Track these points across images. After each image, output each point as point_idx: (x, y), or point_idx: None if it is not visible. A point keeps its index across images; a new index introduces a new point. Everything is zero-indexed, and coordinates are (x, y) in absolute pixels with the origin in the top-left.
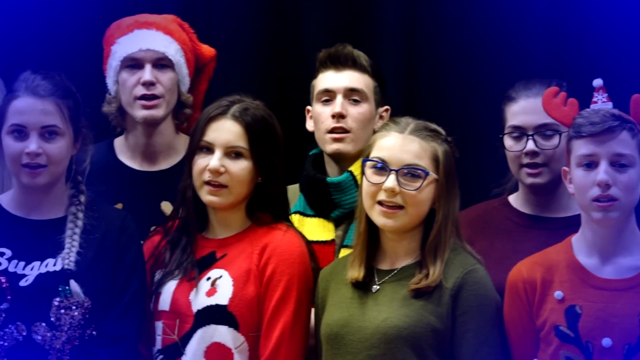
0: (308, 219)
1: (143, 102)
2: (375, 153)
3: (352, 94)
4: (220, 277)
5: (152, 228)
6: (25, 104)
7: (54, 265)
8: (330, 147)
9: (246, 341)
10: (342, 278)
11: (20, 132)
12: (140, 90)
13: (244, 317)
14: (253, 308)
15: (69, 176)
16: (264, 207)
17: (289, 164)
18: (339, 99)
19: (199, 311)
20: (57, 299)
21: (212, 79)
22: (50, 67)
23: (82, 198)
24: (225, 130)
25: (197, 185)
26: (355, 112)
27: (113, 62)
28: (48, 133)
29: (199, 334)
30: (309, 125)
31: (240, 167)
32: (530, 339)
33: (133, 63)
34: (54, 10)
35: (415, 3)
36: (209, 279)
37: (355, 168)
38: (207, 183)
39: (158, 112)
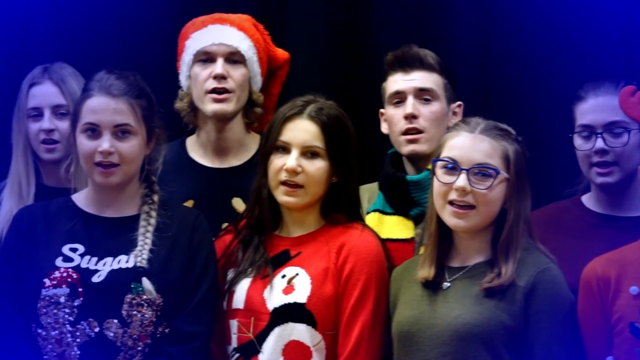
0: (387, 217)
1: (214, 95)
2: (445, 153)
3: (423, 94)
4: (297, 275)
5: (224, 225)
6: (98, 103)
7: (127, 262)
8: (406, 148)
9: (323, 339)
10: (413, 277)
11: (94, 131)
12: (212, 84)
13: (321, 315)
14: (331, 306)
15: (142, 175)
16: (338, 206)
17: (361, 165)
18: (410, 100)
19: (275, 309)
20: (129, 296)
21: (286, 82)
22: (127, 67)
23: (155, 197)
24: (302, 130)
25: (273, 185)
26: (427, 111)
27: (186, 57)
28: (121, 132)
29: (277, 331)
30: (384, 128)
31: (317, 166)
32: (604, 337)
33: (205, 57)
34: (130, 11)
35: (488, 2)
36: (284, 276)
37: None
38: (284, 183)
39: (228, 107)
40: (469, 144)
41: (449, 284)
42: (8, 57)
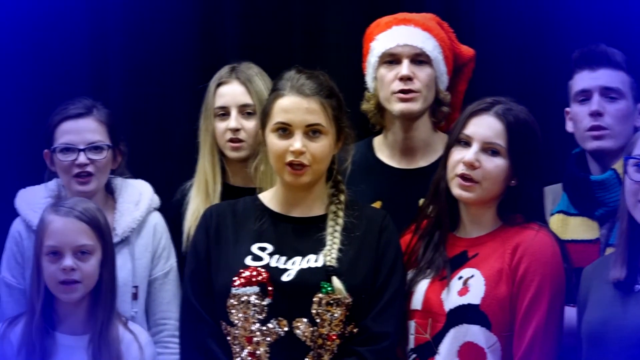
0: (572, 218)
1: (400, 95)
2: (638, 151)
3: (609, 92)
4: (472, 276)
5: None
6: (290, 103)
7: (315, 261)
8: (591, 145)
9: (498, 341)
10: (604, 277)
11: (285, 130)
12: (398, 85)
13: (496, 316)
14: (505, 308)
15: (329, 175)
16: (516, 207)
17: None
18: (596, 97)
19: (451, 310)
20: (319, 295)
21: (473, 80)
22: (315, 67)
23: (342, 197)
24: (486, 126)
25: (450, 177)
26: (613, 109)
27: (372, 59)
28: (312, 132)
29: (452, 333)
30: (569, 127)
31: (496, 164)
32: None
33: (391, 59)
34: (317, 11)
35: None
36: (460, 278)
37: (618, 166)
38: (460, 176)
39: (415, 106)
40: None
41: None
42: (196, 57)
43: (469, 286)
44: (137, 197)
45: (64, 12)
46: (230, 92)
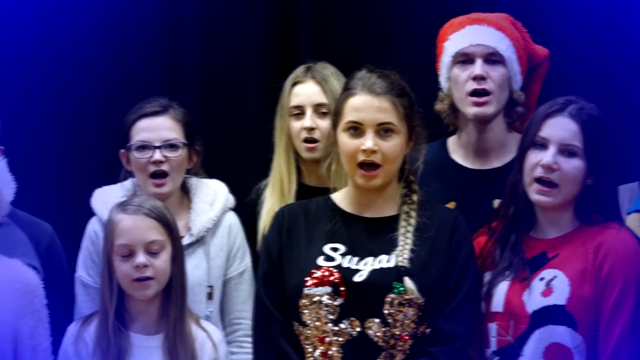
0: None
1: (474, 99)
2: None
3: None
4: (555, 277)
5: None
6: (361, 101)
7: (387, 261)
8: None
9: (584, 341)
10: None
11: (356, 130)
12: (472, 85)
13: (581, 316)
14: (590, 308)
15: (401, 175)
16: (593, 207)
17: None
18: None
19: (535, 312)
20: (391, 296)
21: (547, 80)
22: (385, 67)
23: (414, 197)
24: (562, 128)
25: (527, 181)
26: None
27: (445, 59)
28: (383, 130)
29: (537, 334)
30: None
31: (574, 165)
32: None
33: (464, 59)
34: (393, 11)
35: None
36: (542, 279)
37: None
38: (538, 181)
39: (488, 109)
40: None
41: None
42: (272, 57)
43: (553, 287)
44: (212, 197)
45: (140, 13)
46: (305, 91)
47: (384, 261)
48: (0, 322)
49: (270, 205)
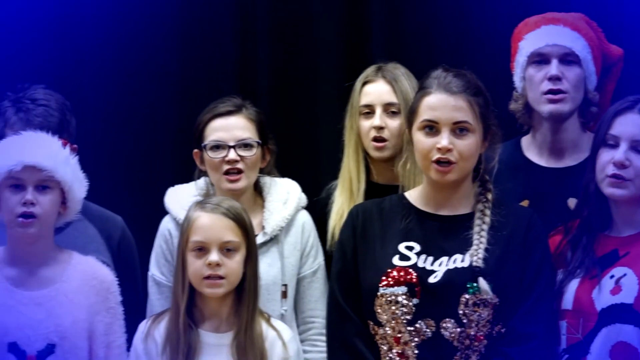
0: None
1: (550, 96)
2: None
3: None
4: (625, 275)
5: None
6: (437, 100)
7: (462, 261)
8: None
9: None
10: None
11: (431, 128)
12: (547, 86)
13: None
14: None
15: (476, 174)
16: None
17: None
18: None
19: (603, 310)
20: (466, 296)
21: (621, 79)
22: (461, 66)
23: (489, 195)
24: (632, 124)
25: (600, 178)
26: None
27: (520, 58)
28: (459, 129)
29: (604, 332)
30: None
31: None
32: None
33: (540, 59)
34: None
35: None
36: (612, 276)
37: None
38: (611, 177)
39: (563, 107)
40: None
41: None
42: (343, 57)
43: (622, 285)
44: (285, 196)
45: (214, 13)
46: (375, 90)
47: (459, 261)
48: (75, 320)
49: (339, 204)
